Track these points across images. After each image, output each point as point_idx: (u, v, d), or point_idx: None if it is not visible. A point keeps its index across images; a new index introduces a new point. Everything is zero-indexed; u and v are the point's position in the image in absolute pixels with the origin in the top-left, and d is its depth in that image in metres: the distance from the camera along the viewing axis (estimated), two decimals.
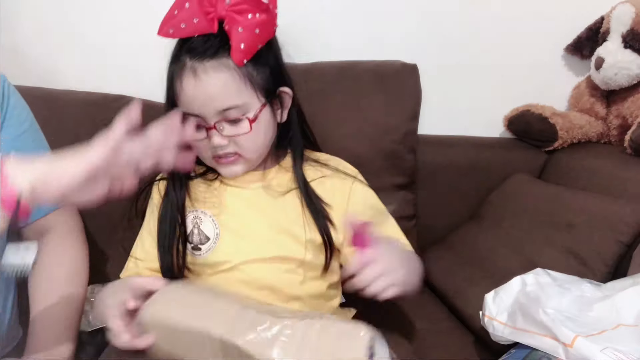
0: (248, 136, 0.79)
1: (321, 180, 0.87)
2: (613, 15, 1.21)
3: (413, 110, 1.19)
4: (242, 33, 0.74)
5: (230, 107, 0.77)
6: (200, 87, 0.76)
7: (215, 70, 0.76)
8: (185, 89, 0.77)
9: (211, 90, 0.76)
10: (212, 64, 0.76)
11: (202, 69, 0.75)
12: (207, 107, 0.77)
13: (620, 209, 0.96)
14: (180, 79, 0.77)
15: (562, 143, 1.26)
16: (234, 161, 0.82)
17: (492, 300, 0.84)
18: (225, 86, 0.76)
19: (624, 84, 1.20)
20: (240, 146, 0.80)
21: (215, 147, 0.79)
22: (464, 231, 1.24)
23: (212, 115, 0.77)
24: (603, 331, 0.70)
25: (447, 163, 1.29)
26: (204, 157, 0.84)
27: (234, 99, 0.77)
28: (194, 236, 0.84)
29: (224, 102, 0.76)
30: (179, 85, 0.78)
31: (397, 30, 1.31)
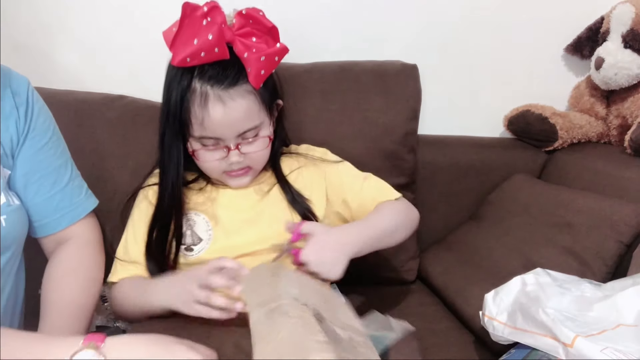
0: (259, 152, 0.86)
1: (299, 170, 0.94)
2: (613, 15, 1.21)
3: (413, 110, 1.19)
4: (262, 62, 0.78)
5: (250, 129, 0.83)
6: (228, 113, 0.79)
7: (240, 97, 0.80)
8: (213, 116, 0.79)
9: (237, 115, 0.80)
10: (236, 91, 0.79)
11: (228, 96, 0.79)
12: (230, 130, 0.81)
13: (620, 209, 0.96)
14: (205, 106, 0.78)
15: (562, 143, 1.26)
16: (244, 173, 0.87)
17: (492, 300, 0.84)
18: (248, 110, 0.81)
19: (624, 84, 1.20)
20: (252, 160, 0.86)
21: (232, 164, 0.84)
22: (464, 231, 1.24)
23: (232, 137, 0.82)
24: (603, 331, 0.70)
25: (447, 163, 1.29)
26: (212, 172, 0.87)
27: (254, 120, 0.83)
28: (187, 237, 0.87)
29: (245, 125, 0.82)
30: (200, 111, 0.79)
31: (397, 30, 1.31)
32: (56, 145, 0.84)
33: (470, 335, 1.00)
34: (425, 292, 1.20)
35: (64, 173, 0.84)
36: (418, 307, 1.12)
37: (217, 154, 0.83)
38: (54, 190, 0.82)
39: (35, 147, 0.79)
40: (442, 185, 1.29)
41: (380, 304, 1.12)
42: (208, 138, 0.82)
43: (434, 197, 1.28)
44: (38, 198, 0.80)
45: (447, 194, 1.29)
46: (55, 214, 0.83)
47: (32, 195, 0.80)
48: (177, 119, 0.81)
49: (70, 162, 0.87)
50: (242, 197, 0.91)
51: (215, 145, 0.83)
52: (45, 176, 0.81)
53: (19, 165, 0.78)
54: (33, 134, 0.79)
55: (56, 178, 0.82)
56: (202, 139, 0.82)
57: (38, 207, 0.81)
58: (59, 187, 0.82)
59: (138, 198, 0.93)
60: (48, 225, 0.83)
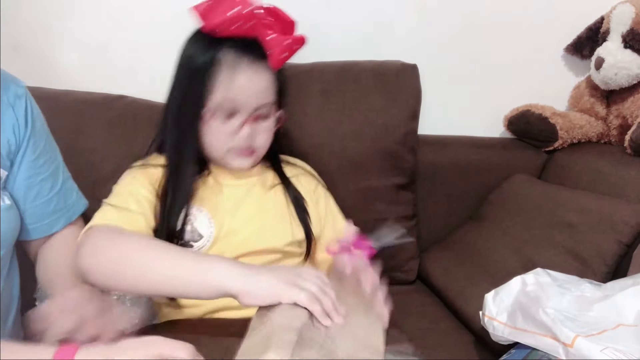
0: (266, 134, 0.87)
1: (297, 177, 0.96)
2: (613, 15, 1.21)
3: (413, 110, 1.19)
4: (285, 45, 0.83)
5: (266, 104, 0.85)
6: (254, 80, 0.83)
7: (264, 71, 0.84)
8: (241, 81, 0.81)
9: (260, 86, 0.84)
10: (262, 65, 0.83)
11: (256, 67, 0.83)
12: (251, 100, 0.83)
13: (620, 209, 0.96)
14: (235, 70, 0.81)
15: (562, 143, 1.26)
16: (248, 154, 0.87)
17: (492, 300, 0.84)
18: (268, 85, 0.85)
19: (624, 84, 1.20)
20: (258, 142, 0.87)
21: (242, 138, 0.84)
22: (464, 231, 1.24)
23: (250, 109, 0.83)
24: (603, 331, 0.70)
25: (447, 163, 1.29)
26: (218, 148, 0.86)
27: (270, 97, 0.86)
28: (187, 233, 0.84)
29: (264, 99, 0.84)
30: (229, 75, 0.81)
31: (397, 30, 1.31)
32: (51, 148, 0.85)
33: (470, 335, 1.00)
34: (425, 292, 1.20)
35: (59, 175, 0.85)
36: (418, 307, 1.12)
37: (229, 126, 0.84)
38: (52, 193, 0.83)
39: (36, 152, 0.80)
40: (442, 185, 1.29)
41: None
42: (228, 105, 0.82)
43: (434, 197, 1.28)
44: (37, 201, 0.81)
45: (447, 194, 1.29)
46: (53, 215, 0.84)
47: (32, 199, 0.80)
48: (200, 86, 0.82)
49: (62, 163, 0.88)
50: (246, 193, 0.90)
51: (229, 118, 0.83)
52: (45, 179, 0.82)
53: (23, 170, 0.78)
54: (34, 139, 0.79)
55: (53, 181, 0.83)
56: (221, 106, 0.82)
57: (36, 209, 0.81)
58: (55, 189, 0.84)
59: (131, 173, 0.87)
60: (44, 228, 0.84)
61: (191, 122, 0.84)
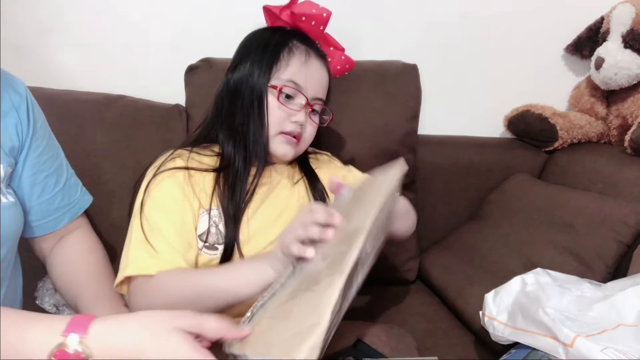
0: (313, 128, 0.90)
1: (318, 170, 0.96)
2: (613, 15, 1.21)
3: (413, 110, 1.19)
4: (342, 60, 0.95)
5: (322, 99, 0.90)
6: (321, 71, 0.89)
7: (327, 69, 0.91)
8: (310, 65, 0.87)
9: (323, 79, 0.90)
10: (326, 64, 0.91)
11: (325, 64, 0.91)
12: (314, 88, 0.87)
13: (620, 209, 0.96)
14: (309, 57, 0.87)
15: (562, 143, 1.26)
16: (295, 142, 0.88)
17: (492, 300, 0.84)
18: (327, 83, 0.91)
19: (624, 84, 1.20)
20: (306, 134, 0.89)
21: (296, 122, 0.86)
22: (464, 231, 1.24)
23: (311, 96, 0.87)
24: (603, 331, 0.70)
25: (447, 163, 1.29)
26: (274, 125, 0.85)
27: (325, 95, 0.91)
28: (211, 235, 0.81)
29: (322, 93, 0.90)
30: (304, 59, 0.86)
31: (397, 30, 1.31)
32: (53, 145, 0.85)
33: (470, 335, 1.00)
34: (426, 292, 1.20)
35: (63, 172, 0.86)
36: (418, 307, 1.12)
37: (289, 105, 0.85)
38: (56, 190, 0.84)
39: (39, 149, 0.81)
40: (442, 185, 1.29)
41: (380, 304, 1.12)
42: (294, 83, 0.85)
43: (434, 197, 1.28)
44: (42, 198, 0.82)
45: (447, 194, 1.29)
46: (57, 212, 0.84)
47: (37, 196, 0.81)
48: (272, 57, 0.85)
49: (65, 160, 0.88)
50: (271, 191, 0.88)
51: (290, 99, 0.86)
52: (49, 176, 0.82)
53: (27, 168, 0.79)
54: (36, 136, 0.80)
55: (57, 177, 0.84)
56: (289, 83, 0.84)
57: (41, 206, 0.82)
58: (59, 186, 0.84)
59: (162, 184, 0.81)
60: (49, 224, 0.84)
61: (260, 92, 0.84)
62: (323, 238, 0.64)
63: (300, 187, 0.92)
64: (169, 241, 0.77)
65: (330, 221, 0.65)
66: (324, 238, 0.64)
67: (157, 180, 0.81)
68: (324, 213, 0.65)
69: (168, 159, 0.85)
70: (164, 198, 0.80)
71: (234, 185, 0.83)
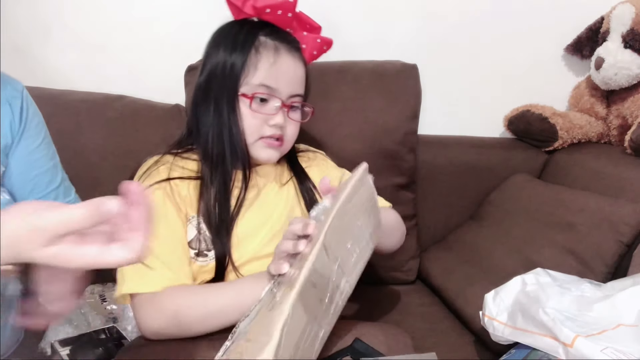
0: (295, 126, 0.87)
1: (308, 169, 0.94)
2: (613, 15, 1.21)
3: (413, 110, 1.19)
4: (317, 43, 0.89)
5: (299, 94, 0.86)
6: (294, 67, 0.84)
7: (300, 61, 0.86)
8: (283, 65, 0.82)
9: (298, 74, 0.85)
10: (299, 55, 0.86)
11: (295, 55, 0.85)
12: (289, 86, 0.83)
13: (620, 209, 0.96)
14: (278, 55, 0.82)
15: (562, 143, 1.26)
16: (277, 145, 0.85)
17: (492, 300, 0.84)
18: (303, 76, 0.86)
19: (624, 84, 1.20)
20: (288, 134, 0.86)
21: (275, 125, 0.83)
22: (464, 231, 1.24)
23: (286, 95, 0.83)
24: (603, 331, 0.70)
25: (447, 163, 1.29)
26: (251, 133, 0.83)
27: (302, 89, 0.87)
28: (201, 242, 0.80)
29: (299, 88, 0.85)
30: (272, 57, 0.81)
31: (397, 30, 1.31)
32: (48, 147, 0.86)
33: (470, 335, 1.00)
34: (425, 292, 1.20)
35: (57, 174, 0.86)
36: (418, 307, 1.12)
37: (264, 110, 0.82)
38: (49, 189, 0.84)
39: (31, 147, 0.81)
40: (442, 185, 1.29)
41: (380, 304, 1.12)
42: (266, 87, 0.81)
43: (434, 197, 1.28)
44: (33, 196, 0.82)
45: (447, 194, 1.29)
46: None
47: (27, 194, 0.82)
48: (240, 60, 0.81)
49: (59, 165, 0.89)
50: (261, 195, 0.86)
51: (265, 103, 0.82)
52: (40, 175, 0.83)
53: (15, 164, 0.80)
54: (28, 134, 0.81)
55: (51, 178, 0.85)
56: (260, 88, 0.81)
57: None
58: (53, 186, 0.85)
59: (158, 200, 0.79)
60: None
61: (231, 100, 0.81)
62: (297, 250, 0.63)
63: (290, 187, 0.90)
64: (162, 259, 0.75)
65: (306, 232, 0.64)
66: (298, 250, 0.63)
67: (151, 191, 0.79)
68: (300, 224, 0.65)
69: (153, 168, 0.83)
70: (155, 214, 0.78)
71: (218, 193, 0.81)
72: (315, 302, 0.60)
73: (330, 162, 1.00)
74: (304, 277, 0.58)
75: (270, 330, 0.54)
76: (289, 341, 0.54)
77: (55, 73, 1.24)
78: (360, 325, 0.76)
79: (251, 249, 0.82)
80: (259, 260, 0.82)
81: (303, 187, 0.90)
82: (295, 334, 0.56)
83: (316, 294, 0.60)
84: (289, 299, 0.56)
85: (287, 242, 0.65)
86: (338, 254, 0.64)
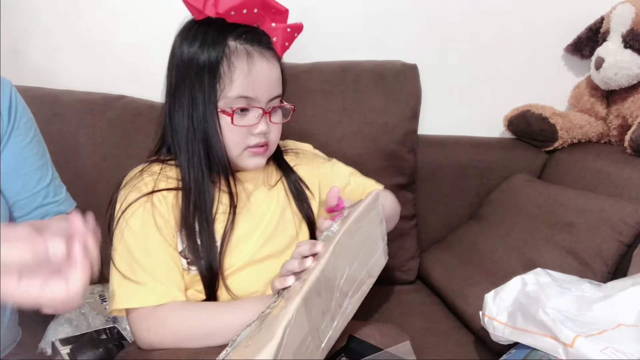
0: (278, 128, 0.84)
1: (297, 167, 0.92)
2: (613, 15, 1.21)
3: (413, 110, 1.19)
4: (288, 33, 0.82)
5: (277, 96, 0.82)
6: (269, 70, 0.79)
7: (275, 60, 0.81)
8: (257, 71, 0.78)
9: (275, 76, 0.81)
10: (272, 54, 0.81)
11: (269, 55, 0.80)
12: (267, 91, 0.79)
13: (620, 209, 0.96)
14: (252, 62, 0.77)
15: (562, 143, 1.26)
16: (263, 152, 0.82)
17: (492, 300, 0.84)
18: (279, 75, 0.82)
19: (624, 84, 1.20)
20: (273, 137, 0.83)
21: (260, 133, 0.80)
22: (464, 231, 1.24)
23: (265, 101, 0.79)
24: (603, 331, 0.70)
25: (447, 163, 1.29)
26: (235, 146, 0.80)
27: (280, 89, 0.83)
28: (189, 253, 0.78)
29: (277, 89, 0.81)
30: (247, 67, 0.77)
31: (397, 30, 1.31)
32: (38, 145, 0.85)
33: (470, 335, 1.00)
34: (426, 292, 1.20)
35: (47, 172, 0.86)
36: (418, 307, 1.12)
37: (245, 121, 0.79)
38: (39, 187, 0.84)
39: (20, 145, 0.81)
40: (442, 185, 1.29)
41: (380, 304, 1.12)
42: (245, 98, 0.77)
43: (434, 197, 1.28)
44: (24, 193, 0.82)
45: (447, 194, 1.29)
46: (40, 209, 0.85)
47: (17, 190, 0.82)
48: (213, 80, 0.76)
49: (50, 163, 0.88)
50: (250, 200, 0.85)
51: (246, 113, 0.79)
52: (30, 173, 0.83)
53: (5, 162, 0.80)
54: (17, 132, 0.81)
55: (41, 176, 0.85)
56: (239, 101, 0.77)
57: (24, 202, 0.83)
58: (43, 184, 0.85)
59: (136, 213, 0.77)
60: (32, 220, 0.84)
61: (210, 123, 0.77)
62: (303, 267, 0.65)
63: (279, 189, 0.88)
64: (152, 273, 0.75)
65: (313, 251, 0.66)
66: (304, 267, 0.65)
67: (132, 210, 0.77)
68: (307, 245, 0.68)
69: (137, 179, 0.80)
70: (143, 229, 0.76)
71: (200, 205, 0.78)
72: (318, 312, 0.60)
73: (319, 156, 0.99)
74: (311, 283, 0.59)
75: (272, 330, 0.54)
76: (289, 344, 0.54)
77: (55, 73, 1.24)
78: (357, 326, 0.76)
79: (245, 254, 0.81)
80: (253, 266, 0.82)
81: (292, 186, 0.89)
82: (296, 339, 0.56)
83: (320, 305, 0.61)
84: (294, 302, 0.56)
85: (294, 261, 0.67)
86: (344, 271, 0.65)
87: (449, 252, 1.21)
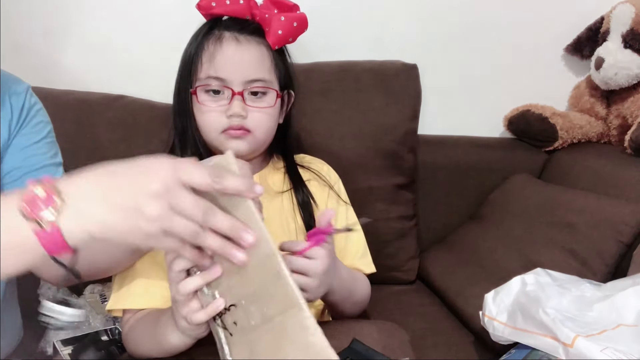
0: (261, 114, 0.81)
1: (308, 182, 0.89)
2: (613, 15, 1.21)
3: (413, 110, 1.19)
4: (282, 21, 0.82)
5: (258, 79, 0.80)
6: (240, 51, 0.80)
7: (256, 44, 0.81)
8: (225, 51, 0.79)
9: (248, 57, 0.80)
10: (252, 38, 0.81)
11: (244, 39, 0.81)
12: (239, 72, 0.79)
13: (620, 209, 0.96)
14: (220, 44, 0.80)
15: (562, 143, 1.26)
16: (242, 135, 0.80)
17: (492, 300, 0.84)
18: (261, 59, 0.81)
19: (624, 84, 1.20)
20: (254, 122, 0.80)
21: (233, 115, 0.78)
22: (464, 231, 1.24)
23: (239, 82, 0.79)
24: (603, 331, 0.70)
25: (447, 163, 1.29)
26: (211, 130, 0.80)
27: (264, 73, 0.81)
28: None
29: (256, 73, 0.80)
30: (213, 49, 0.80)
31: (397, 30, 1.31)
32: (49, 147, 0.84)
33: (470, 335, 1.00)
34: (426, 292, 1.20)
35: (53, 173, 0.85)
36: (418, 307, 1.12)
37: (218, 101, 0.79)
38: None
39: (26, 143, 0.80)
40: (442, 185, 1.29)
41: (380, 304, 1.12)
42: (214, 78, 0.79)
43: (434, 197, 1.28)
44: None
45: (447, 194, 1.29)
46: None
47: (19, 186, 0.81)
48: (189, 66, 0.81)
49: (61, 168, 0.87)
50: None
51: (219, 95, 0.79)
52: (34, 172, 0.82)
53: (8, 160, 0.79)
54: (24, 130, 0.80)
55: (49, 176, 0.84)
56: (208, 80, 0.79)
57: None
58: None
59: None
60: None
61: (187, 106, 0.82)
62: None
63: (286, 199, 0.86)
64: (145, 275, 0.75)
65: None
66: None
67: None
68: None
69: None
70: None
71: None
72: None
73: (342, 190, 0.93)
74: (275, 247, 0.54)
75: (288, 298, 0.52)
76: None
77: (56, 73, 1.24)
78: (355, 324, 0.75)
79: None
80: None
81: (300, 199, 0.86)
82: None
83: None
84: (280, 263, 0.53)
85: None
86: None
87: (448, 252, 1.22)
